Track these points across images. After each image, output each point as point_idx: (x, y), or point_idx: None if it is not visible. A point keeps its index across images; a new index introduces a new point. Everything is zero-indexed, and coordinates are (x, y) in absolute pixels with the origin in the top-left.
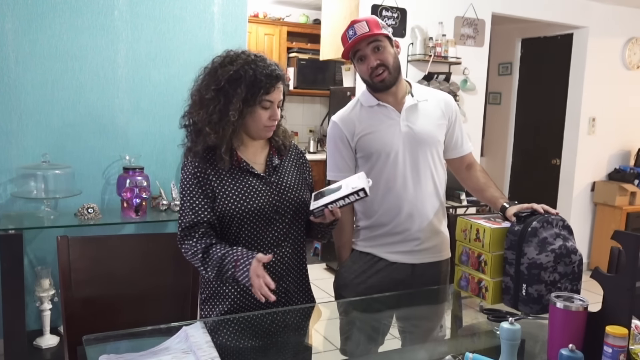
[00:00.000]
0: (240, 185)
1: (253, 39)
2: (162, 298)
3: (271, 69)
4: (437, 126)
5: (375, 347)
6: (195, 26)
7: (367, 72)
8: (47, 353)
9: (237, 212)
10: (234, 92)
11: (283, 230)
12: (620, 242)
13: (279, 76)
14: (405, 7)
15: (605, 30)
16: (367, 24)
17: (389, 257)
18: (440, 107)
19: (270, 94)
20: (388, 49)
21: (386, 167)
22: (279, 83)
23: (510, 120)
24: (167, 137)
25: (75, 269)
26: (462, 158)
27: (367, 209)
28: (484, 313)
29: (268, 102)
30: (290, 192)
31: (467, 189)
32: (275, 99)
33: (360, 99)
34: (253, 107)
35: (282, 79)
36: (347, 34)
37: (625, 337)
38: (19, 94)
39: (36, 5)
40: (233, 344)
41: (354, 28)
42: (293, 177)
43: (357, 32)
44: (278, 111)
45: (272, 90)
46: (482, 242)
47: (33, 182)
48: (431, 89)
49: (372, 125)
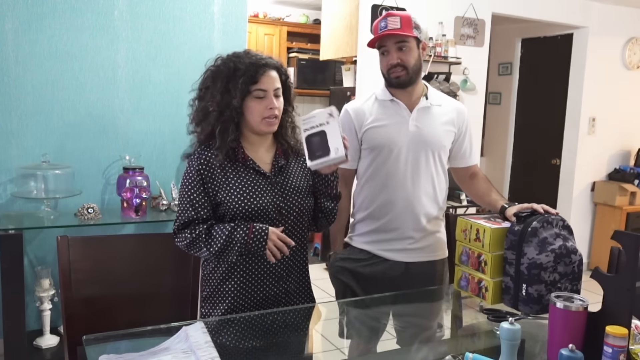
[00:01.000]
0: (244, 181)
1: (253, 39)
2: (162, 298)
3: (257, 58)
4: (445, 132)
5: (375, 347)
6: (195, 26)
7: (386, 67)
8: (47, 353)
9: (238, 209)
10: (214, 86)
11: (285, 232)
12: (620, 242)
13: (268, 64)
14: (405, 7)
15: (605, 30)
16: (400, 21)
17: (384, 255)
18: (452, 115)
19: (260, 82)
20: (412, 51)
21: (388, 162)
22: (268, 71)
23: (510, 120)
24: (167, 137)
25: (75, 269)
26: (467, 168)
27: (363, 200)
28: (484, 313)
29: (260, 91)
30: (295, 194)
31: (469, 195)
32: (268, 87)
33: (376, 92)
34: (245, 100)
35: (274, 67)
36: (379, 25)
37: (625, 337)
38: (19, 94)
39: (36, 5)
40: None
41: (387, 21)
42: (299, 179)
43: (389, 26)
44: (275, 100)
45: (260, 78)
46: (482, 242)
47: (33, 182)
48: (447, 97)
49: (381, 118)
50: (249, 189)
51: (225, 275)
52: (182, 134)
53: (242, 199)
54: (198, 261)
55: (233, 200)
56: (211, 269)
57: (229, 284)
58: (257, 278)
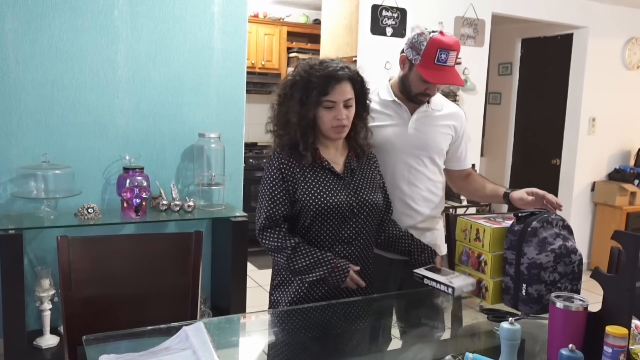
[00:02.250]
0: (321, 181)
1: (253, 39)
2: (162, 298)
3: (329, 70)
4: (443, 136)
5: (375, 346)
6: (195, 26)
7: (419, 90)
8: (47, 353)
9: (314, 206)
10: (291, 96)
11: (355, 229)
12: (620, 242)
13: (339, 76)
14: (405, 7)
15: (605, 30)
16: (456, 57)
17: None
18: (451, 119)
19: (329, 95)
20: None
21: (384, 163)
22: (339, 83)
23: (510, 120)
24: (167, 137)
25: (75, 269)
26: (461, 170)
27: None
28: (484, 313)
29: (329, 102)
30: (365, 193)
31: (465, 195)
32: (337, 99)
33: (379, 89)
34: (317, 109)
35: (346, 78)
36: (439, 57)
37: (625, 337)
38: (19, 94)
39: (36, 5)
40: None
41: (448, 55)
42: (369, 180)
43: (448, 61)
44: (344, 111)
45: (330, 90)
46: (482, 242)
47: (33, 182)
48: (447, 100)
49: (382, 119)
50: (324, 187)
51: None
52: (182, 134)
53: (317, 197)
54: (198, 261)
55: (310, 197)
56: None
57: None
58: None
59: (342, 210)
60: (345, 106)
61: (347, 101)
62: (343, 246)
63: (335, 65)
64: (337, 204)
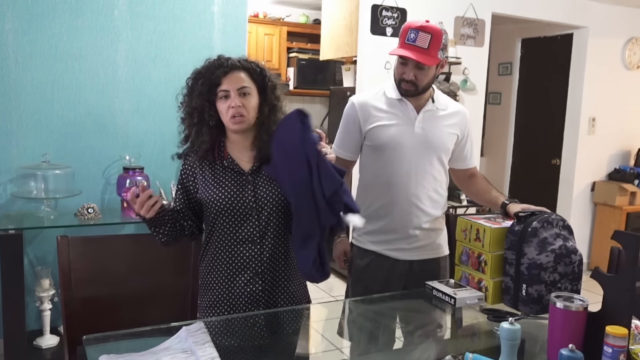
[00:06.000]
0: (219, 178)
1: (253, 39)
2: (162, 298)
3: (220, 61)
4: (449, 135)
5: (375, 346)
6: (195, 26)
7: (399, 77)
8: (47, 353)
9: (211, 204)
10: (190, 93)
11: (259, 228)
12: (620, 242)
13: (230, 65)
14: (405, 7)
15: (605, 30)
16: (429, 40)
17: (390, 254)
18: (456, 119)
19: (222, 84)
20: (429, 72)
21: (392, 162)
22: (231, 72)
23: (510, 120)
24: (167, 137)
25: (75, 269)
26: (466, 170)
27: (366, 199)
28: (484, 313)
29: (222, 91)
30: (267, 191)
31: (468, 194)
32: (230, 87)
33: (385, 88)
34: (217, 102)
35: (240, 68)
36: (408, 35)
37: (625, 337)
38: (19, 94)
39: (36, 5)
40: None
41: (417, 34)
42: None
43: (417, 42)
44: (239, 99)
45: (222, 80)
46: (482, 242)
47: (33, 182)
48: (451, 100)
49: (388, 118)
50: (220, 185)
51: (209, 266)
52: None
53: (214, 195)
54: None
55: (207, 196)
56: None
57: (212, 276)
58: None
59: (240, 208)
60: (240, 94)
61: (242, 89)
62: (248, 246)
63: (230, 58)
64: (233, 202)
